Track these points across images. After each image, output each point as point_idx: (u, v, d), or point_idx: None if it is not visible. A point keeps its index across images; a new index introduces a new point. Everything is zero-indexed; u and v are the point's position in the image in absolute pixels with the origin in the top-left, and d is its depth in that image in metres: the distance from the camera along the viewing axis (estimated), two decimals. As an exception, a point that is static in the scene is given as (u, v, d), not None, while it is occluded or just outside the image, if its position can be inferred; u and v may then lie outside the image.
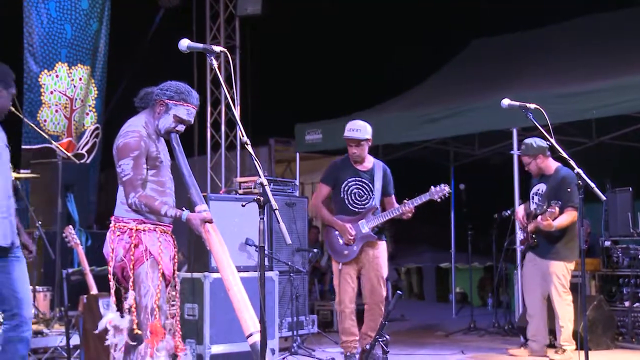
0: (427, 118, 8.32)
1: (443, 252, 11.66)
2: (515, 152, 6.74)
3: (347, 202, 5.94)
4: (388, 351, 5.51)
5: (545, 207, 6.18)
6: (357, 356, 5.84)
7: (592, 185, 4.57)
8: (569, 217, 6.18)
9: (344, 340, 5.92)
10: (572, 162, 4.68)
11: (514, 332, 7.57)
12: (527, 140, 6.52)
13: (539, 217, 6.23)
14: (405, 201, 5.77)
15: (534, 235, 6.39)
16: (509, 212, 6.70)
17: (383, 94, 10.07)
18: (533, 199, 6.51)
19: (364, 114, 9.10)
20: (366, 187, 5.94)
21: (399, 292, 5.11)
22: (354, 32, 13.44)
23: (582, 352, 4.60)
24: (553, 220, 6.11)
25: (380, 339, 5.20)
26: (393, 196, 6.05)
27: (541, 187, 6.41)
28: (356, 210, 5.92)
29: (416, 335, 8.16)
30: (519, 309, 7.38)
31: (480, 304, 11.25)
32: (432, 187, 5.77)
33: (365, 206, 5.91)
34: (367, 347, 5.12)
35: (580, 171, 4.61)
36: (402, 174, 8.82)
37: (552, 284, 6.28)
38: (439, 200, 5.78)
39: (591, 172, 4.72)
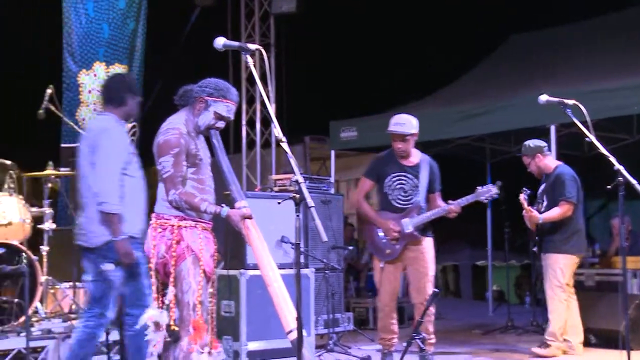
0: (463, 115, 8.26)
1: (479, 250, 11.59)
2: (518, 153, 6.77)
3: (390, 198, 5.77)
4: (424, 349, 5.50)
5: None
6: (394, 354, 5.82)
7: (634, 182, 4.51)
8: (560, 209, 6.24)
9: (382, 337, 5.85)
10: (612, 159, 4.62)
11: (552, 331, 7.47)
12: (526, 142, 6.61)
13: (524, 211, 6.27)
14: (450, 201, 5.65)
15: (536, 233, 6.42)
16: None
17: (419, 91, 10.02)
18: (538, 198, 6.53)
19: (399, 111, 9.04)
20: (411, 182, 5.74)
21: (435, 289, 5.08)
22: (389, 28, 13.39)
23: (624, 352, 4.54)
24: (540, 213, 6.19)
25: (417, 337, 5.19)
26: (438, 193, 5.86)
27: (543, 187, 6.40)
28: (400, 206, 5.74)
29: (452, 333, 8.11)
30: (558, 307, 7.29)
31: (517, 302, 11.13)
32: (478, 187, 5.66)
33: (410, 202, 5.73)
34: (405, 344, 5.10)
35: (621, 168, 4.55)
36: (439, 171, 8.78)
37: (548, 278, 6.27)
38: (485, 201, 5.71)
39: (632, 169, 4.65)
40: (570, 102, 5.00)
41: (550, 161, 6.52)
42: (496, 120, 7.92)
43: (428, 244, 5.79)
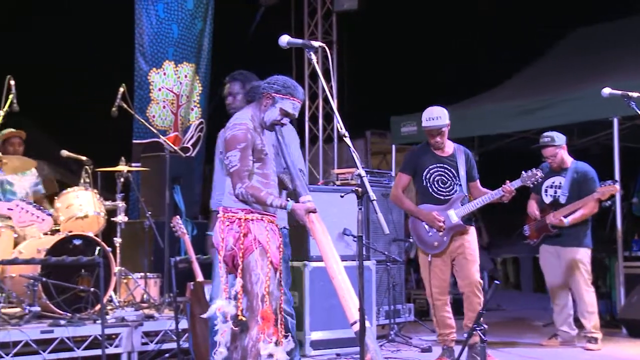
0: (524, 108, 8.26)
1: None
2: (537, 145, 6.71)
3: (431, 190, 5.65)
4: (486, 340, 5.53)
5: (602, 186, 6.26)
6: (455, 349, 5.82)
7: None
8: (597, 205, 6.35)
9: (440, 332, 5.74)
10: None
11: (614, 324, 7.42)
12: (549, 133, 6.53)
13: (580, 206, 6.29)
14: (507, 183, 5.51)
15: (554, 226, 6.42)
16: (609, 202, 6.63)
17: (479, 86, 10.01)
18: (547, 191, 6.52)
19: (459, 106, 9.10)
20: (449, 173, 5.65)
21: (496, 281, 5.11)
22: (449, 23, 13.34)
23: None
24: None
25: (478, 328, 5.25)
26: (478, 181, 5.76)
27: (557, 180, 6.37)
28: (441, 197, 5.64)
29: (513, 325, 8.12)
30: (621, 300, 7.25)
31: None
32: (522, 172, 5.57)
33: (450, 193, 5.63)
34: (465, 336, 5.16)
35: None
36: (499, 165, 8.77)
37: (579, 272, 6.34)
38: (531, 185, 5.67)
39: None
40: (635, 94, 4.98)
41: (567, 155, 6.54)
42: (558, 113, 7.90)
43: (472, 232, 5.70)
